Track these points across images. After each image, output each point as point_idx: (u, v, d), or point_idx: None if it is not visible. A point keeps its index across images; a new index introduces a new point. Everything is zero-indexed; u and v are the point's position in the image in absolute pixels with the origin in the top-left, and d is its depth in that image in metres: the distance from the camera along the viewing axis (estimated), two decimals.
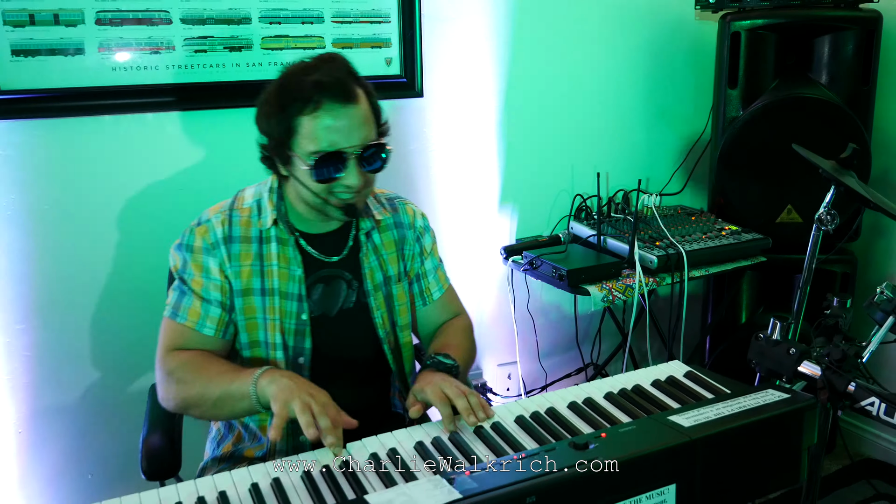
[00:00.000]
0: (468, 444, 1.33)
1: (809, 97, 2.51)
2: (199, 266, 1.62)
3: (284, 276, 1.64)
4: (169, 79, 2.11)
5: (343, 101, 1.50)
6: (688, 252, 2.36)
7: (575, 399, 1.48)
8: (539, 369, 2.84)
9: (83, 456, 2.20)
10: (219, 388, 1.49)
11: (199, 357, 1.57)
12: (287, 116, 1.51)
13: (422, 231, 1.82)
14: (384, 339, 1.73)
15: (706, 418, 1.34)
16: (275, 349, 1.63)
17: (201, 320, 1.61)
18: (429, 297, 1.83)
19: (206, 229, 1.63)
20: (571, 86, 2.72)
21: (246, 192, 1.71)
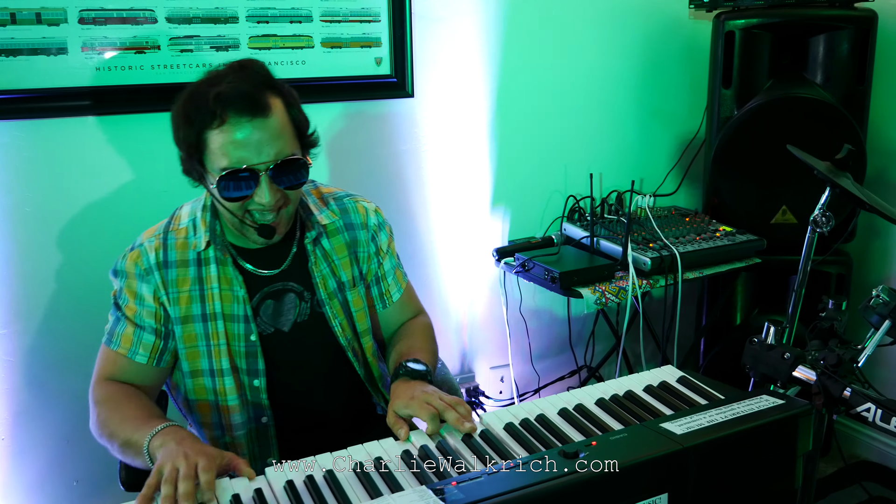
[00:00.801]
0: (456, 452, 1.30)
1: (804, 97, 2.49)
2: (132, 292, 1.56)
3: (228, 298, 1.57)
4: (154, 79, 2.07)
5: (250, 114, 1.40)
6: (682, 253, 2.33)
7: (566, 406, 1.45)
8: (532, 372, 2.81)
9: (68, 463, 2.16)
10: (124, 434, 1.41)
11: (121, 393, 1.52)
12: (193, 131, 1.43)
13: (376, 229, 1.73)
14: (347, 347, 1.67)
15: (699, 425, 1.31)
16: (221, 376, 1.58)
17: (134, 347, 1.55)
18: (388, 299, 1.76)
19: (138, 254, 1.57)
20: (564, 86, 2.69)
21: (183, 209, 1.64)
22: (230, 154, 1.42)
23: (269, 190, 1.45)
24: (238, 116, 1.40)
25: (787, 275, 2.81)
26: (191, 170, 1.51)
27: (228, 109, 1.40)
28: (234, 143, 1.41)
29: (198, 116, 1.42)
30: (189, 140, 1.45)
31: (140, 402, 1.51)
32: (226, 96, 1.40)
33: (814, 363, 1.52)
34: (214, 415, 1.60)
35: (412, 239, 2.52)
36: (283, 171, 1.47)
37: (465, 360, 2.73)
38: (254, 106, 1.41)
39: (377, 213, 1.75)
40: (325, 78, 2.26)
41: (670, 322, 2.43)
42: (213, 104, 1.40)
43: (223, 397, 1.59)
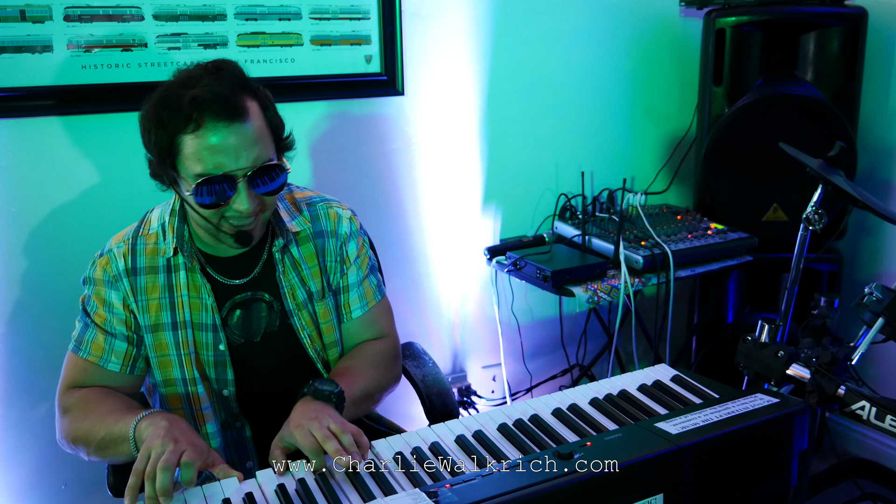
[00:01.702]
0: (450, 454, 1.29)
1: (795, 95, 2.49)
2: (101, 299, 1.52)
3: (196, 307, 1.53)
4: (141, 77, 2.04)
5: (227, 119, 1.34)
6: (674, 252, 2.33)
7: (559, 406, 1.44)
8: (524, 371, 2.80)
9: (57, 466, 2.13)
10: (104, 430, 1.36)
11: (95, 394, 1.48)
12: (166, 134, 1.35)
13: (346, 238, 1.64)
14: (316, 358, 1.62)
15: (694, 425, 1.30)
16: (195, 384, 1.54)
17: (105, 355, 1.51)
18: (347, 313, 1.65)
19: (107, 261, 1.53)
20: (555, 83, 2.68)
21: (153, 213, 1.59)
22: (206, 160, 1.35)
23: (248, 196, 1.40)
24: (215, 121, 1.34)
25: (778, 272, 2.82)
26: (161, 174, 1.44)
27: (205, 114, 1.33)
28: (211, 148, 1.34)
29: (171, 120, 1.35)
30: (161, 144, 1.37)
31: (117, 398, 1.46)
32: (202, 100, 1.33)
33: (807, 361, 1.51)
34: (190, 422, 1.55)
35: (403, 238, 2.50)
36: (260, 176, 1.41)
37: (456, 359, 2.72)
38: (231, 111, 1.35)
39: (351, 221, 1.66)
40: (315, 76, 2.24)
41: (662, 320, 2.43)
42: (188, 108, 1.33)
43: (197, 405, 1.55)
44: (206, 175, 1.36)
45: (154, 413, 1.33)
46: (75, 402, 1.47)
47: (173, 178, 1.43)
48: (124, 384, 1.53)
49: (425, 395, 1.82)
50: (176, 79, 1.41)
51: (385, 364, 1.66)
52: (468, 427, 1.37)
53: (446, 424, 1.38)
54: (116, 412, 1.39)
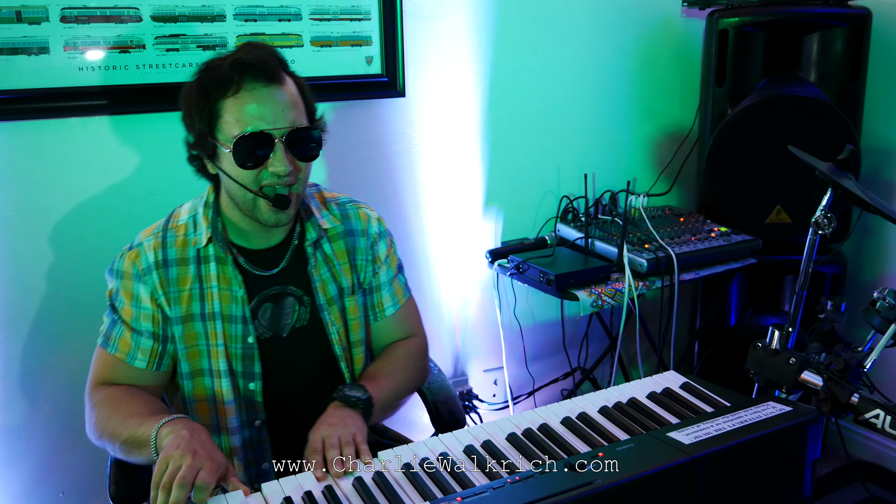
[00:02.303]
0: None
1: (799, 96, 2.47)
2: (129, 294, 1.52)
3: (226, 298, 1.53)
4: (139, 79, 2.01)
5: (266, 80, 1.41)
6: (678, 255, 2.31)
7: (569, 414, 1.41)
8: (525, 374, 2.78)
9: (54, 474, 2.10)
10: (128, 431, 1.37)
11: (122, 393, 1.48)
12: (209, 102, 1.42)
13: (376, 238, 1.69)
14: (340, 357, 1.63)
15: (707, 434, 1.28)
16: (219, 377, 1.54)
17: (132, 352, 1.52)
18: (380, 312, 1.71)
19: (136, 254, 1.53)
20: (556, 84, 2.66)
21: (182, 207, 1.61)
22: (245, 120, 1.40)
23: (285, 156, 1.43)
24: (254, 82, 1.40)
25: (781, 275, 2.80)
26: (201, 148, 1.47)
27: (245, 76, 1.39)
28: (250, 108, 1.40)
29: (213, 85, 1.41)
30: (203, 112, 1.42)
31: (143, 399, 1.47)
32: (242, 62, 1.40)
33: (819, 368, 1.49)
34: (213, 416, 1.57)
35: (404, 241, 2.48)
36: (297, 140, 1.45)
37: (458, 362, 2.70)
38: (270, 73, 1.41)
39: (379, 221, 1.72)
40: (315, 77, 2.20)
41: (667, 324, 2.41)
42: (229, 71, 1.39)
43: (220, 398, 1.55)
44: (244, 134, 1.40)
45: (176, 420, 1.32)
46: (102, 398, 1.48)
47: (213, 149, 1.46)
48: (151, 381, 1.54)
49: (431, 402, 1.80)
50: (212, 58, 1.47)
51: (415, 364, 1.71)
52: (476, 437, 1.35)
53: (454, 434, 1.36)
54: (140, 414, 1.39)
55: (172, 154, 2.08)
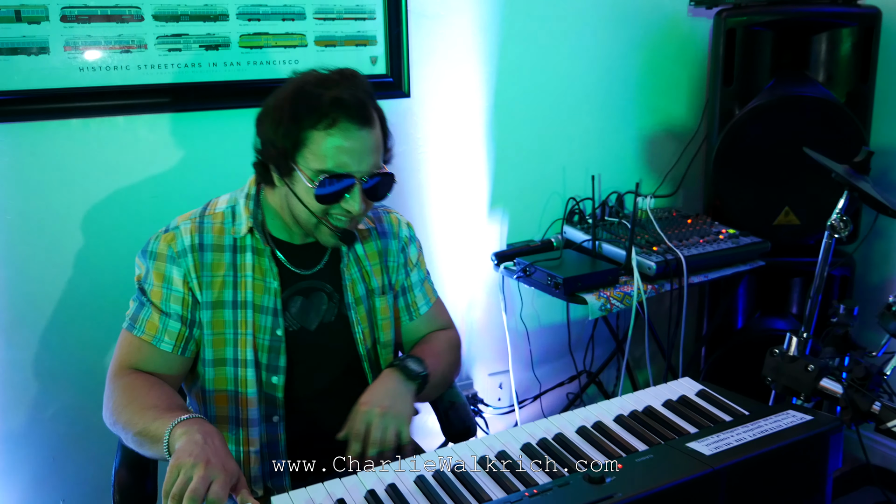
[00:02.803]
0: (473, 477, 1.23)
1: (807, 96, 2.44)
2: (160, 275, 1.50)
3: (259, 289, 1.54)
4: (141, 79, 1.98)
5: (360, 123, 1.42)
6: (687, 257, 2.28)
7: (584, 423, 1.38)
8: (530, 378, 2.75)
9: (54, 481, 2.07)
10: (142, 423, 1.34)
11: (142, 381, 1.45)
12: (298, 127, 1.42)
13: (407, 241, 1.73)
14: (364, 357, 1.63)
15: (728, 445, 1.25)
16: (245, 366, 1.52)
17: (159, 335, 1.49)
18: (415, 311, 1.74)
19: (173, 236, 1.52)
20: (561, 84, 2.63)
21: (219, 199, 1.61)
22: (332, 157, 1.42)
23: (361, 199, 1.46)
24: (349, 123, 1.41)
25: (788, 277, 2.78)
26: (276, 163, 1.47)
27: (342, 115, 1.40)
28: (339, 148, 1.41)
29: (307, 115, 1.41)
30: (290, 136, 1.42)
31: (162, 391, 1.44)
32: (342, 102, 1.40)
33: (838, 375, 1.46)
34: (232, 408, 1.54)
35: None
36: (375, 183, 1.48)
37: (462, 366, 2.66)
38: (365, 116, 1.43)
39: (409, 227, 1.75)
40: None
41: (676, 327, 2.38)
42: (327, 106, 1.40)
43: (243, 388, 1.53)
44: (329, 172, 1.42)
45: (191, 421, 1.29)
46: (123, 384, 1.45)
47: (289, 169, 1.46)
48: (174, 366, 1.51)
49: (441, 409, 1.76)
50: (307, 79, 1.47)
51: (455, 352, 1.74)
52: (490, 447, 1.31)
53: (467, 444, 1.33)
54: (157, 407, 1.36)
55: (177, 155, 2.07)
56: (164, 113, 2.03)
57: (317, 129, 1.41)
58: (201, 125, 2.07)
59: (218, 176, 2.09)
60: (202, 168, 2.09)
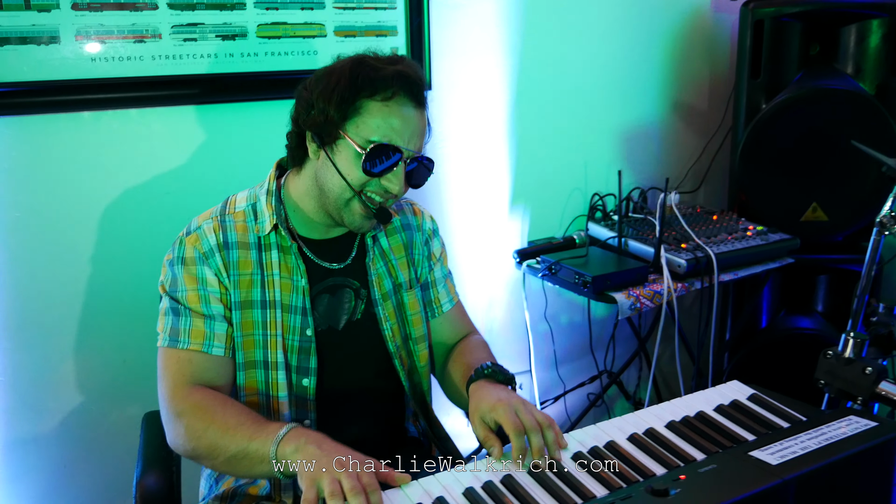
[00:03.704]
0: (526, 489, 1.16)
1: (837, 89, 2.37)
2: (192, 278, 1.43)
3: (287, 288, 1.47)
4: (155, 70, 1.90)
5: (416, 102, 1.42)
6: (717, 254, 2.21)
7: (635, 430, 1.31)
8: (551, 378, 2.68)
9: (65, 489, 1.99)
10: (235, 445, 1.28)
11: (213, 400, 1.36)
12: (355, 95, 1.38)
13: (430, 234, 1.68)
14: (395, 354, 1.56)
15: (793, 454, 1.18)
16: (276, 369, 1.45)
17: (208, 340, 1.41)
18: (438, 308, 1.67)
19: (196, 237, 1.45)
20: (584, 78, 2.55)
21: (237, 196, 1.54)
22: (384, 130, 1.38)
23: (402, 179, 1.42)
24: (406, 98, 1.40)
25: (814, 274, 2.72)
26: (322, 130, 1.40)
27: (402, 89, 1.39)
28: (394, 122, 1.38)
29: (366, 82, 1.38)
30: (345, 102, 1.38)
31: (237, 408, 1.36)
32: (405, 76, 1.39)
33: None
34: (263, 412, 1.46)
35: None
36: (417, 167, 1.45)
37: None
38: (421, 96, 1.43)
39: (432, 220, 1.71)
40: None
41: (705, 327, 2.31)
42: (390, 78, 1.38)
43: (274, 391, 1.45)
44: (379, 143, 1.38)
45: (292, 433, 1.24)
46: (189, 407, 1.36)
47: (334, 138, 1.40)
48: (228, 370, 1.45)
49: None
50: (367, 56, 1.44)
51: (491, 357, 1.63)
52: None
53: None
54: (243, 425, 1.29)
55: (192, 150, 1.99)
56: (179, 106, 1.95)
57: (373, 100, 1.38)
58: (217, 118, 1.99)
59: (234, 171, 2.02)
60: (218, 163, 2.01)
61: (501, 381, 1.44)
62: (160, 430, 1.55)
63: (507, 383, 1.44)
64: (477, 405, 1.36)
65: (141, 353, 1.97)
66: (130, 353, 1.98)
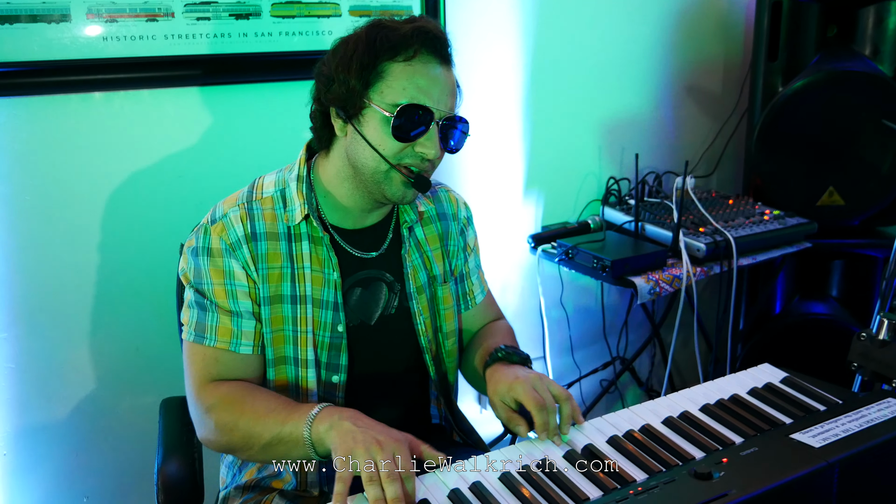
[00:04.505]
0: (564, 474, 1.13)
1: (856, 71, 2.34)
2: (219, 272, 1.35)
3: (318, 282, 1.39)
4: (167, 50, 1.85)
5: (440, 59, 1.32)
6: (736, 238, 2.18)
7: (670, 414, 1.29)
8: (565, 364, 2.66)
9: (77, 477, 1.95)
10: (268, 432, 1.24)
11: (241, 391, 1.32)
12: (375, 59, 1.29)
13: (465, 223, 1.60)
14: (426, 349, 1.50)
15: (835, 436, 1.16)
16: (305, 367, 1.39)
17: (235, 339, 1.35)
18: (472, 300, 1.62)
19: (222, 227, 1.36)
20: (597, 60, 2.51)
21: (265, 179, 1.45)
22: (410, 91, 1.29)
23: (437, 142, 1.32)
24: (429, 55, 1.30)
25: (829, 259, 2.69)
26: (346, 103, 1.32)
27: (424, 46, 1.29)
28: (420, 80, 1.29)
29: (385, 44, 1.29)
30: (365, 70, 1.29)
31: (265, 395, 1.32)
32: (425, 31, 1.30)
33: None
34: None
35: None
36: (452, 127, 1.35)
37: None
38: (445, 52, 1.33)
39: (467, 207, 1.62)
40: None
41: (723, 312, 2.29)
42: (409, 37, 1.28)
43: (304, 386, 1.41)
44: (407, 104, 1.29)
45: (324, 412, 1.21)
46: (218, 400, 1.32)
47: (359, 108, 1.32)
48: (257, 366, 1.39)
49: None
50: (382, 20, 1.35)
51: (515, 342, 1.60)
52: (573, 440, 1.22)
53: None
54: (274, 411, 1.26)
55: (205, 132, 1.95)
56: (192, 87, 1.91)
57: (395, 61, 1.29)
58: (231, 100, 1.95)
59: (249, 153, 1.98)
60: (232, 145, 1.97)
61: (517, 363, 1.41)
62: (180, 417, 1.53)
63: (522, 364, 1.41)
64: (495, 388, 1.34)
65: (154, 339, 1.94)
66: (143, 339, 1.94)
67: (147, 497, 1.85)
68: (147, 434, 1.84)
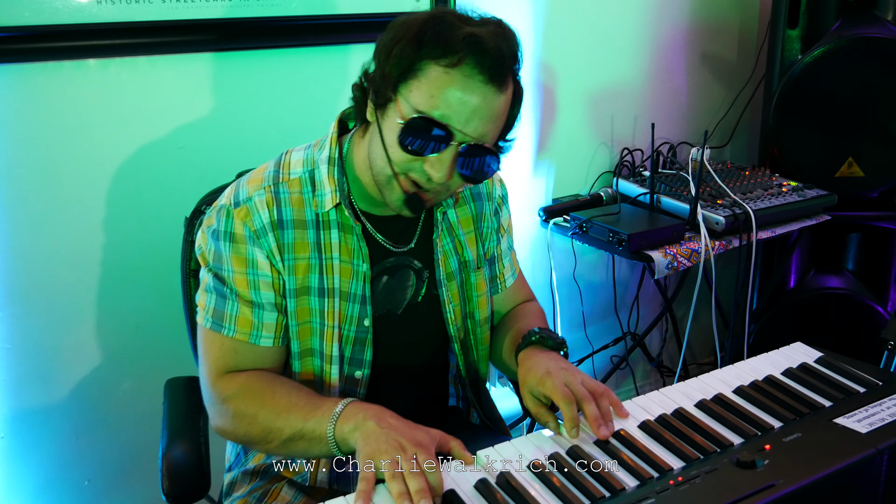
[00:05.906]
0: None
1: (878, 38, 2.26)
2: (241, 259, 1.26)
3: (347, 273, 1.30)
4: (166, 14, 1.75)
5: (488, 77, 1.14)
6: (755, 211, 2.11)
7: (703, 397, 1.23)
8: (577, 339, 2.60)
9: (78, 460, 1.90)
10: (290, 427, 1.18)
11: (261, 382, 1.25)
12: (416, 52, 1.15)
13: (500, 203, 1.50)
14: (454, 338, 1.42)
15: (882, 421, 1.11)
16: (330, 361, 1.32)
17: (255, 331, 1.27)
18: (502, 283, 1.53)
19: (247, 212, 1.26)
20: (609, 29, 2.42)
21: (292, 156, 1.33)
22: (437, 100, 1.14)
23: (447, 166, 1.18)
24: (475, 70, 1.13)
25: (846, 233, 2.63)
26: (377, 87, 1.20)
27: (471, 56, 1.13)
28: (453, 94, 1.14)
29: (433, 41, 1.14)
30: (404, 59, 1.16)
31: (287, 387, 1.25)
32: (478, 42, 1.13)
33: None
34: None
35: None
36: (473, 155, 1.19)
37: None
38: (496, 72, 1.14)
39: (502, 184, 1.51)
40: (360, 15, 1.97)
41: (741, 287, 2.23)
42: (460, 41, 1.12)
43: (328, 383, 1.34)
44: (426, 116, 1.15)
45: (349, 409, 1.16)
46: (236, 391, 1.25)
47: (386, 99, 1.19)
48: (277, 358, 1.32)
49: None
50: (451, 11, 1.23)
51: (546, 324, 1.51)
52: None
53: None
54: (296, 406, 1.20)
55: (204, 102, 1.86)
56: (193, 53, 1.82)
57: (437, 63, 1.14)
58: (236, 67, 1.86)
59: (255, 124, 1.90)
60: (237, 115, 1.88)
61: (551, 347, 1.32)
62: (186, 398, 1.47)
63: (557, 349, 1.33)
64: (525, 377, 1.27)
65: (156, 317, 1.87)
66: (144, 317, 1.87)
67: (150, 480, 1.79)
68: (149, 415, 1.77)
